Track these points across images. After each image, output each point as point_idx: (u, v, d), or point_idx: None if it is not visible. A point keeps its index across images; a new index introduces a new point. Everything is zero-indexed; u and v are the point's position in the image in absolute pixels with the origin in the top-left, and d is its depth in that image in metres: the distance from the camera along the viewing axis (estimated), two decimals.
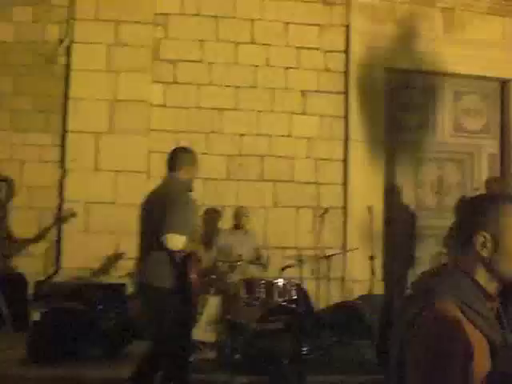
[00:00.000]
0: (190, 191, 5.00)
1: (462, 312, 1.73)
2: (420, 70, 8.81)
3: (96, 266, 7.55)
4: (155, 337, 4.81)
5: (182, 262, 4.61)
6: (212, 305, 6.73)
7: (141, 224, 4.90)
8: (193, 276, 4.62)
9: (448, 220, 8.71)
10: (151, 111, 7.89)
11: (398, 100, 8.92)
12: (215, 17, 8.20)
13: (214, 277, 6.81)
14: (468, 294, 1.78)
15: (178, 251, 4.56)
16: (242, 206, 7.70)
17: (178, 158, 4.98)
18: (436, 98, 9.06)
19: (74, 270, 7.47)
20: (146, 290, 4.79)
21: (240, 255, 6.77)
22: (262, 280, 6.59)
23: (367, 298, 7.78)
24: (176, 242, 4.50)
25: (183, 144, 7.87)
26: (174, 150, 5.11)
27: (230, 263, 6.92)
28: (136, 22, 7.91)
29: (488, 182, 7.74)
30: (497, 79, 9.28)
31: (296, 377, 5.66)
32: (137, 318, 6.34)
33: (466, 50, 8.73)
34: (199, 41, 8.15)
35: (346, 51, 8.49)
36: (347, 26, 8.52)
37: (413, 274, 8.75)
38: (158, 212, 4.62)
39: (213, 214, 8.00)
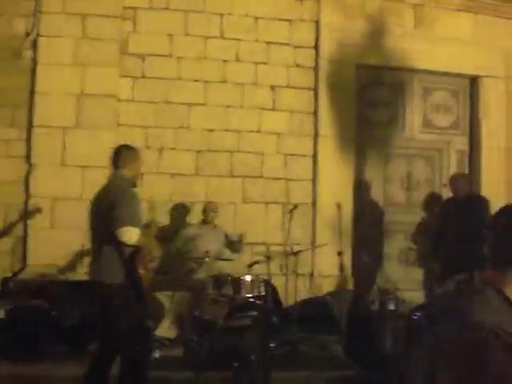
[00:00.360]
0: (135, 187, 5.08)
1: (498, 337, 1.54)
2: (390, 66, 8.83)
3: (63, 263, 7.46)
4: (108, 334, 4.83)
5: (130, 258, 4.64)
6: (179, 301, 6.70)
7: (90, 222, 4.95)
8: (141, 271, 4.65)
9: (417, 215, 8.86)
10: (119, 106, 7.80)
11: (367, 96, 8.93)
12: (184, 11, 8.13)
13: (179, 273, 6.78)
14: (503, 316, 1.60)
15: (128, 245, 4.57)
16: (211, 201, 7.65)
17: (122, 155, 5.07)
18: (405, 94, 9.09)
19: (41, 267, 7.37)
20: (98, 287, 4.82)
21: (207, 251, 6.73)
22: (229, 276, 6.57)
23: (336, 293, 7.81)
24: (130, 235, 4.57)
25: (152, 140, 7.87)
26: (118, 147, 5.23)
27: (197, 259, 6.88)
28: (104, 16, 7.80)
29: (452, 179, 7.80)
30: (466, 76, 9.33)
31: (262, 373, 5.64)
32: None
33: (435, 46, 8.78)
34: (168, 35, 8.07)
35: (316, 47, 8.47)
36: (317, 22, 8.49)
37: (381, 270, 8.82)
38: (106, 209, 4.68)
39: (181, 210, 7.96)
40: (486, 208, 7.63)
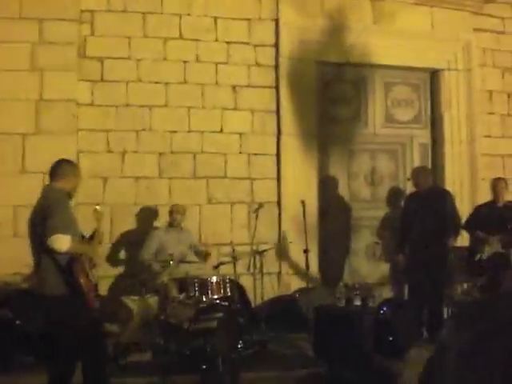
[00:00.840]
0: (70, 199, 5.14)
1: None
2: (350, 62, 8.86)
3: (27, 272, 7.36)
4: (58, 346, 4.81)
5: (67, 267, 4.63)
6: (146, 305, 6.66)
7: (28, 234, 4.93)
8: (82, 280, 4.63)
9: (382, 210, 8.92)
10: (78, 110, 7.72)
11: (329, 93, 8.96)
12: (142, 13, 8.06)
13: (144, 277, 6.74)
14: None
15: (61, 254, 4.56)
16: (178, 204, 7.61)
17: (61, 168, 5.08)
18: (367, 89, 9.14)
19: (4, 276, 7.26)
20: (40, 299, 4.84)
21: (171, 254, 6.69)
22: (195, 278, 6.54)
23: (303, 291, 7.82)
24: (61, 242, 4.55)
25: (113, 143, 7.81)
26: (58, 160, 5.20)
27: (162, 263, 6.84)
28: (61, 20, 7.69)
29: (414, 173, 7.86)
30: (427, 69, 9.41)
31: (230, 375, 5.63)
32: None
33: (395, 40, 8.83)
34: (126, 37, 8.00)
35: (276, 45, 8.46)
36: (276, 20, 8.49)
37: (348, 265, 8.87)
38: (40, 219, 4.69)
39: (148, 213, 7.91)
40: (448, 200, 7.71)
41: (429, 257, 7.25)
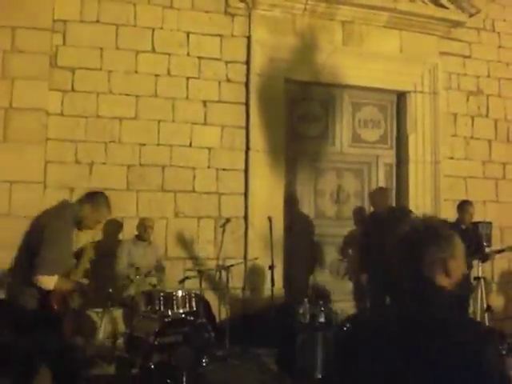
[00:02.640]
0: (79, 228, 4.87)
1: None
2: (319, 81, 8.97)
3: None
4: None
5: (45, 296, 4.54)
6: (111, 319, 6.64)
7: (22, 240, 4.77)
8: (55, 307, 4.56)
9: (347, 228, 9.02)
10: (48, 120, 7.68)
11: (298, 111, 9.07)
12: (115, 24, 8.08)
13: (110, 290, 6.71)
14: None
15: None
16: (147, 218, 7.60)
17: (100, 196, 4.92)
18: (335, 109, 9.28)
19: None
20: (12, 308, 4.72)
21: (138, 268, 6.69)
22: (161, 292, 6.54)
23: (268, 306, 7.86)
24: (46, 283, 4.44)
25: (82, 154, 7.77)
26: (102, 192, 5.06)
27: (129, 276, 6.83)
28: (33, 28, 7.65)
29: (371, 195, 7.96)
30: (394, 91, 9.58)
31: None
32: None
33: (364, 62, 8.98)
34: (99, 48, 8.00)
35: (247, 62, 8.55)
36: (248, 37, 8.58)
37: (313, 282, 8.93)
38: (35, 240, 4.54)
39: (114, 225, 7.88)
40: (407, 218, 7.83)
41: (389, 278, 7.32)
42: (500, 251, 8.32)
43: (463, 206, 8.02)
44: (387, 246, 2.14)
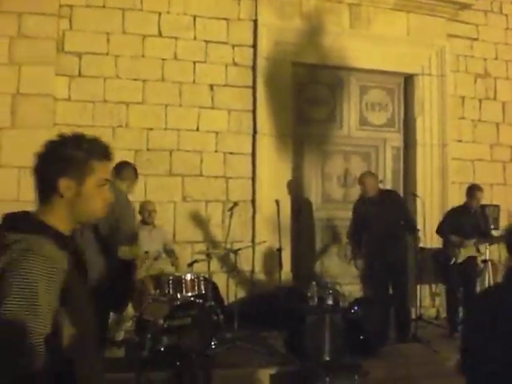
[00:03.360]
0: None
1: None
2: (326, 64, 8.96)
3: None
4: None
5: None
6: None
7: None
8: None
9: None
10: (56, 105, 7.70)
11: (305, 94, 9.06)
12: (122, 9, 8.07)
13: None
14: None
15: None
16: (148, 201, 7.61)
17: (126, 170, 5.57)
18: (342, 92, 9.26)
19: None
20: None
21: (146, 252, 6.72)
22: (169, 275, 6.57)
23: (276, 289, 7.90)
24: None
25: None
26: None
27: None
28: (40, 14, 7.65)
29: (360, 178, 7.89)
30: (401, 74, 9.56)
31: (203, 371, 5.69)
32: None
33: (371, 45, 8.96)
34: (105, 33, 8.00)
35: (254, 45, 8.53)
36: (255, 21, 8.56)
37: (320, 265, 8.97)
38: None
39: None
40: (399, 201, 7.84)
41: (386, 261, 7.34)
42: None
43: (471, 191, 7.98)
44: None
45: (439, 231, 8.03)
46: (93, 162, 1.98)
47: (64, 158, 1.96)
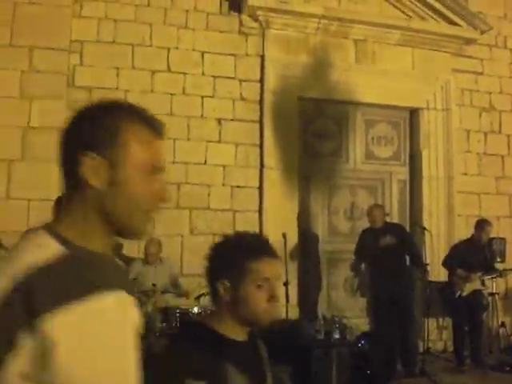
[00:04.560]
0: None
1: None
2: (333, 99, 9.06)
3: None
4: None
5: None
6: None
7: None
8: None
9: None
10: None
11: (311, 128, 9.15)
12: (131, 45, 8.22)
13: None
14: None
15: None
16: (152, 240, 7.53)
17: None
18: (348, 126, 9.35)
19: None
20: None
21: (154, 284, 6.76)
22: (177, 309, 6.59)
23: (283, 322, 7.89)
24: None
25: None
26: None
27: (145, 292, 6.89)
28: (51, 49, 7.79)
29: (369, 210, 7.98)
30: (407, 108, 9.65)
31: None
32: None
33: (377, 79, 9.06)
34: (115, 68, 8.14)
35: (261, 80, 8.65)
36: (262, 56, 8.70)
37: (327, 298, 8.96)
38: None
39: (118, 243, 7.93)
40: (405, 234, 7.89)
41: (392, 294, 7.36)
42: None
43: (482, 224, 8.01)
44: None
45: (445, 264, 8.05)
46: (250, 262, 1.92)
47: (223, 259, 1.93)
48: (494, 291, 8.28)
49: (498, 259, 8.60)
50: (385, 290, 7.37)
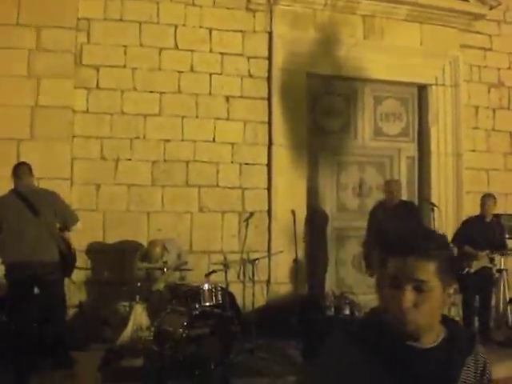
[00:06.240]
0: None
1: None
2: (341, 75, 9.01)
3: None
4: None
5: None
6: (138, 312, 6.74)
7: None
8: None
9: None
10: (74, 117, 7.80)
11: (319, 105, 9.13)
12: (138, 22, 8.18)
13: (138, 284, 6.83)
14: None
15: None
16: (155, 243, 7.39)
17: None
18: (356, 102, 9.32)
19: None
20: None
21: (165, 262, 6.79)
22: (187, 286, 6.63)
23: (292, 299, 7.94)
24: None
25: (107, 151, 7.89)
26: None
27: (156, 269, 6.93)
28: (58, 27, 7.78)
29: (389, 184, 7.96)
30: (415, 84, 9.60)
31: (222, 381, 5.74)
32: None
33: (385, 56, 9.00)
34: (122, 46, 8.11)
35: (269, 57, 8.62)
36: (270, 33, 8.65)
37: (336, 275, 9.00)
38: None
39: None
40: (415, 212, 7.88)
41: None
42: None
43: (483, 200, 8.05)
44: None
45: (454, 241, 8.05)
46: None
47: None
48: (503, 267, 8.27)
49: (507, 235, 8.58)
50: None
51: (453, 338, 1.76)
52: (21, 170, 6.33)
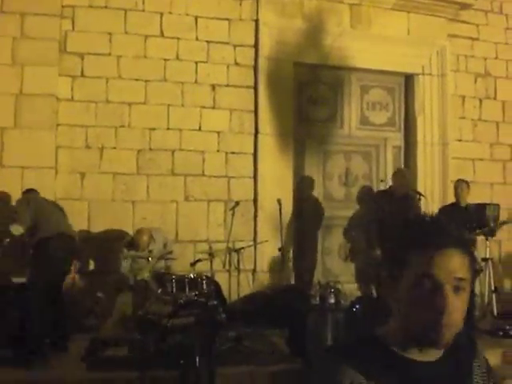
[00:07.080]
0: None
1: None
2: (327, 64, 8.99)
3: None
4: None
5: None
6: (123, 301, 6.71)
7: None
8: None
9: (355, 210, 9.06)
10: (58, 105, 7.73)
11: (306, 94, 9.10)
12: (123, 9, 8.11)
13: (123, 273, 6.80)
14: None
15: None
16: (142, 232, 7.35)
17: None
18: (343, 91, 9.30)
19: None
20: None
21: (150, 251, 6.77)
22: (172, 275, 6.61)
23: (278, 288, 7.94)
24: None
25: (92, 139, 7.83)
26: None
27: (141, 258, 6.91)
28: (42, 14, 7.69)
29: (398, 174, 7.99)
30: (402, 73, 9.59)
31: (206, 370, 5.72)
32: None
33: (372, 45, 8.98)
34: (107, 33, 8.04)
35: (256, 45, 8.57)
36: (256, 21, 8.60)
37: (322, 264, 9.01)
38: None
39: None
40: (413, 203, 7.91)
41: None
42: (505, 222, 8.45)
43: (455, 185, 8.19)
44: None
45: None
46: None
47: None
48: (488, 256, 8.29)
49: (492, 224, 8.57)
50: None
51: (455, 344, 1.54)
52: None
